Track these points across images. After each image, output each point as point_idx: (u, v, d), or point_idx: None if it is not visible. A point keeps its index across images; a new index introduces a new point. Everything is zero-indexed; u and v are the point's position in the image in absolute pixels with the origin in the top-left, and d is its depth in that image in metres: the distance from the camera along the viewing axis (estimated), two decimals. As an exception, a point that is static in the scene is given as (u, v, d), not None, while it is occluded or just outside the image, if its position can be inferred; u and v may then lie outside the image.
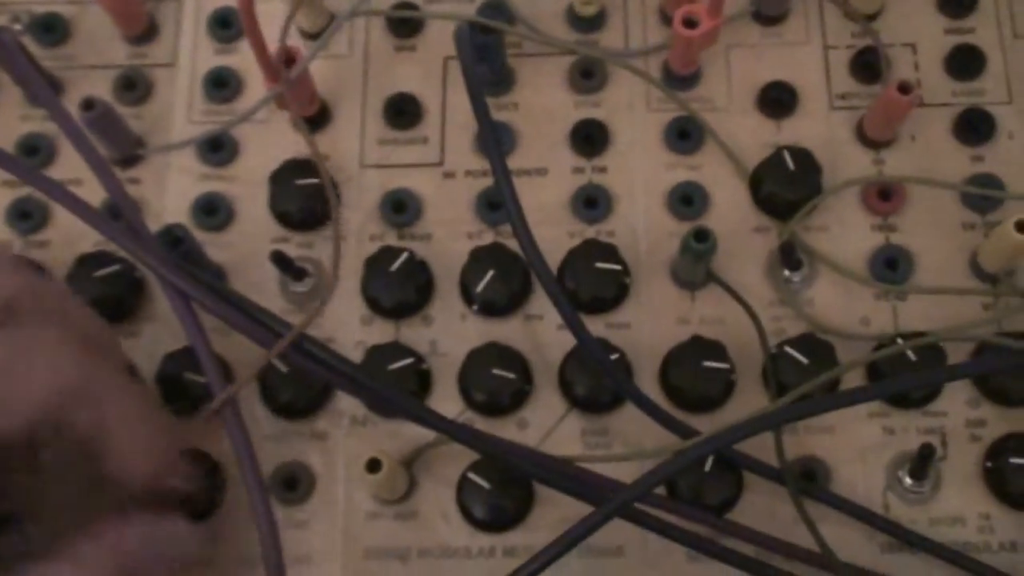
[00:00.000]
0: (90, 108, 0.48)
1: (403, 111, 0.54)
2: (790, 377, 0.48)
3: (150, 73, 0.55)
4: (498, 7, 0.54)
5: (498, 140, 0.44)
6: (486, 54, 0.51)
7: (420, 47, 0.55)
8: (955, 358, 0.49)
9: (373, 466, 0.44)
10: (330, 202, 0.50)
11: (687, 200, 0.52)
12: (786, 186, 0.51)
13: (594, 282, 0.50)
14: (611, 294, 0.50)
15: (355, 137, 0.54)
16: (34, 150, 0.53)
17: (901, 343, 0.47)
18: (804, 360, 0.48)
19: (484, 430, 0.47)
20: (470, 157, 0.53)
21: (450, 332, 0.50)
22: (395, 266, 0.50)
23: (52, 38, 0.55)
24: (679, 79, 0.54)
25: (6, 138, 0.53)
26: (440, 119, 0.54)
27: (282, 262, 0.49)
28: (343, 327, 0.51)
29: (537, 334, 0.50)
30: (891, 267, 0.50)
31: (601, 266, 0.50)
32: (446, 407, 0.48)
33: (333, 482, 0.49)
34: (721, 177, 0.52)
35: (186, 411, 0.49)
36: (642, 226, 0.52)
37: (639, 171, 0.53)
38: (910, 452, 0.47)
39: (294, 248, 0.52)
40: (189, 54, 0.55)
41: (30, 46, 0.54)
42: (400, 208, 0.52)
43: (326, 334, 0.50)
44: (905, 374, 0.47)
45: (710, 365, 0.48)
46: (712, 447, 0.44)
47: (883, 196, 0.51)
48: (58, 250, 0.52)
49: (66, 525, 0.40)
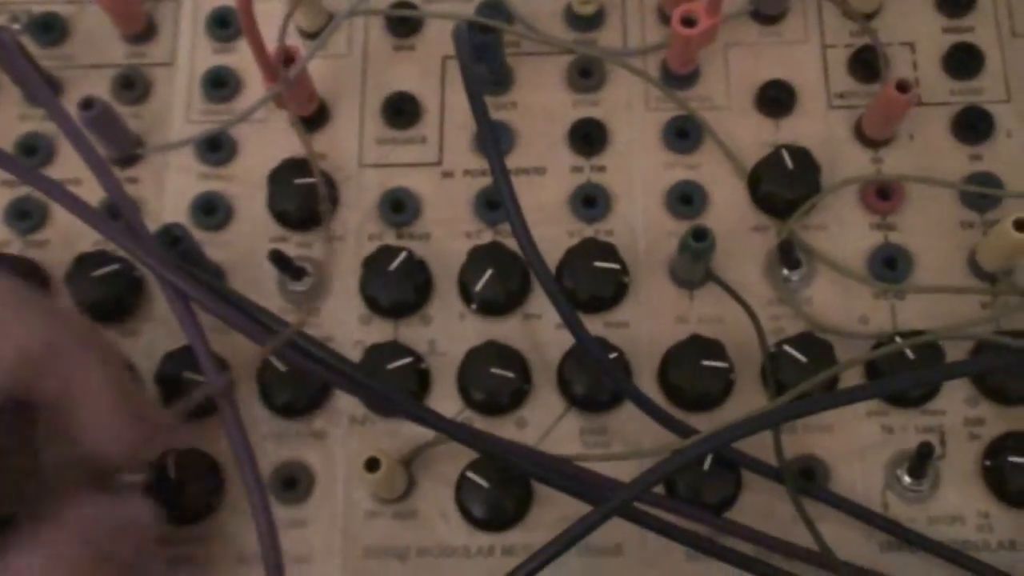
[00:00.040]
0: (89, 107, 0.48)
1: (402, 110, 0.54)
2: (789, 376, 0.48)
3: (149, 72, 0.55)
4: (496, 6, 0.54)
5: (497, 139, 0.44)
6: (484, 53, 0.51)
7: (419, 46, 0.55)
8: (953, 357, 0.49)
9: (372, 465, 0.44)
10: (321, 205, 0.50)
11: (686, 199, 0.52)
12: (785, 185, 0.51)
13: (593, 281, 0.50)
14: (610, 293, 0.50)
15: (354, 136, 0.54)
16: (33, 150, 0.53)
17: (900, 342, 0.47)
18: (803, 359, 0.48)
19: (483, 429, 0.47)
20: (469, 156, 0.53)
21: (449, 331, 0.50)
22: (394, 265, 0.50)
23: (51, 38, 0.55)
24: (678, 78, 0.54)
25: (5, 138, 0.54)
26: (439, 118, 0.54)
27: (281, 261, 0.49)
28: (342, 326, 0.51)
29: (536, 333, 0.50)
30: (890, 266, 0.50)
31: (600, 265, 0.50)
32: (445, 406, 0.48)
33: (332, 481, 0.49)
34: (720, 176, 0.52)
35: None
36: (641, 225, 0.52)
37: (638, 170, 0.53)
38: (909, 451, 0.47)
39: (293, 247, 0.52)
40: (188, 53, 0.55)
41: (29, 46, 0.54)
42: (399, 207, 0.52)
43: (325, 333, 0.50)
44: (904, 373, 0.47)
45: (709, 364, 0.48)
46: (711, 446, 0.44)
47: (882, 195, 0.51)
48: (57, 249, 0.52)
49: (32, 507, 0.40)
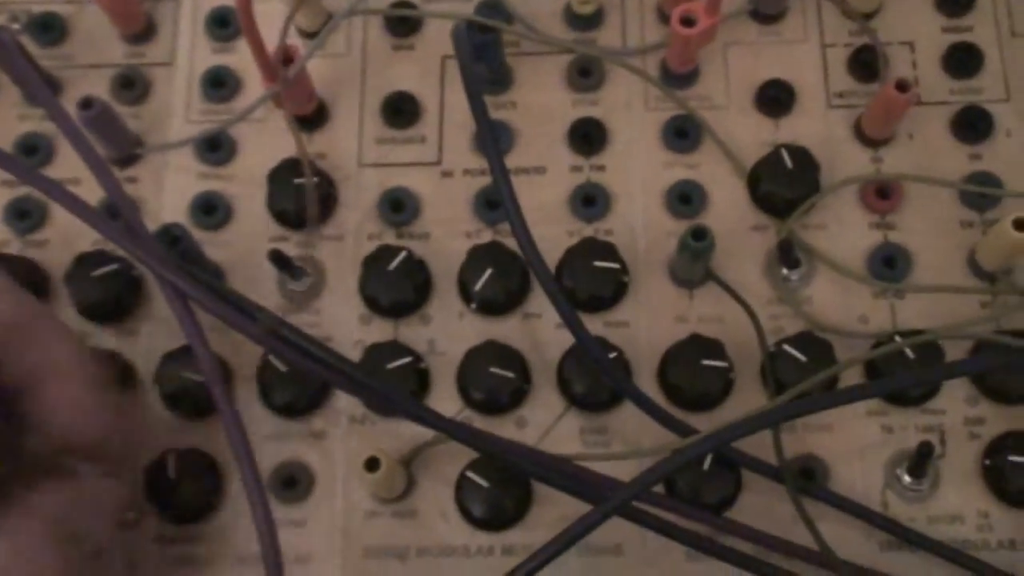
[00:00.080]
0: (88, 107, 0.48)
1: (401, 110, 0.54)
2: (789, 375, 0.48)
3: (148, 72, 0.55)
4: (496, 6, 0.54)
5: (496, 139, 0.44)
6: (484, 53, 0.51)
7: (418, 46, 0.55)
8: (953, 356, 0.49)
9: (372, 465, 0.44)
10: (309, 208, 0.50)
11: (685, 199, 0.52)
12: (784, 184, 0.51)
13: (592, 280, 0.50)
14: (609, 292, 0.50)
15: (353, 136, 0.54)
16: (32, 149, 0.53)
17: (899, 341, 0.47)
18: (802, 358, 0.48)
19: (482, 429, 0.47)
20: (468, 156, 0.53)
21: (448, 331, 0.50)
22: (393, 265, 0.50)
23: (50, 37, 0.55)
24: (677, 77, 0.54)
25: (4, 138, 0.53)
26: (438, 118, 0.54)
27: (280, 261, 0.49)
28: (342, 326, 0.51)
29: (535, 333, 0.50)
30: (889, 265, 0.50)
31: (599, 264, 0.50)
32: (444, 406, 0.48)
33: (332, 481, 0.49)
34: (719, 175, 0.52)
35: (186, 411, 0.49)
36: (640, 224, 0.52)
37: (637, 170, 0.53)
38: (909, 450, 0.47)
39: (292, 247, 0.52)
40: (187, 53, 0.55)
41: (28, 45, 0.54)
42: (398, 207, 0.52)
43: (325, 333, 0.50)
44: (903, 372, 0.47)
45: (708, 363, 0.48)
46: (711, 445, 0.44)
47: (881, 194, 0.51)
48: (56, 249, 0.52)
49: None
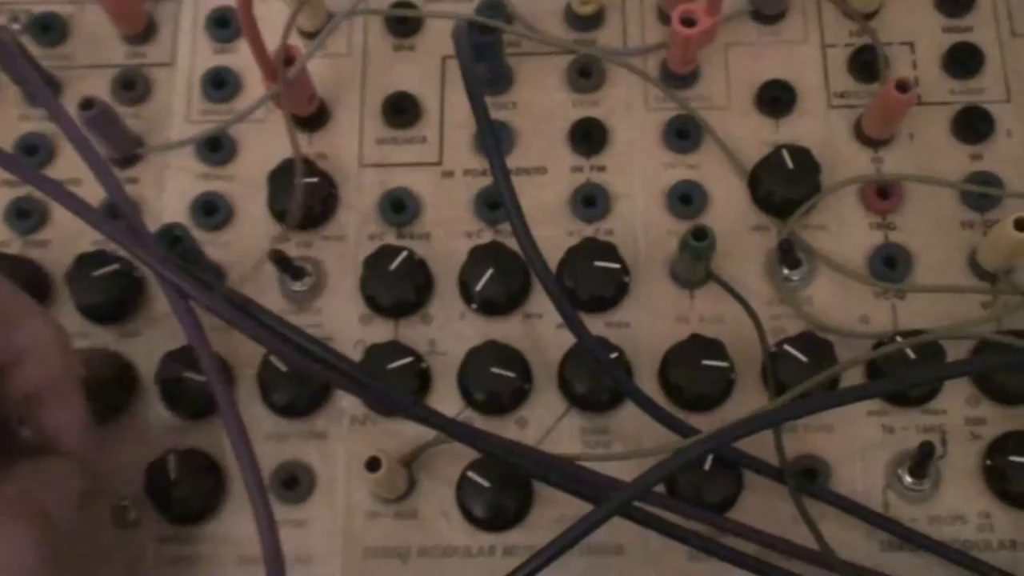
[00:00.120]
0: (89, 107, 0.48)
1: (402, 110, 0.54)
2: (789, 375, 0.48)
3: (149, 73, 0.55)
4: (496, 6, 0.54)
5: (497, 139, 0.44)
6: (484, 53, 0.51)
7: (419, 46, 0.55)
8: (954, 356, 0.49)
9: (373, 465, 0.44)
10: (295, 208, 0.50)
11: (686, 199, 0.52)
12: (785, 185, 0.51)
13: (593, 281, 0.50)
14: (610, 293, 0.50)
15: (354, 136, 0.54)
16: (33, 150, 0.53)
17: (900, 341, 0.47)
18: (803, 358, 0.48)
19: (483, 429, 0.47)
20: (469, 156, 0.53)
21: (449, 331, 0.50)
22: (394, 265, 0.50)
23: (50, 38, 0.55)
24: (677, 78, 0.54)
25: (5, 138, 0.53)
26: (439, 118, 0.54)
27: (281, 261, 0.49)
28: (342, 326, 0.50)
29: (536, 333, 0.50)
30: (890, 265, 0.50)
31: (600, 265, 0.50)
32: (445, 406, 0.48)
33: (333, 481, 0.49)
34: (720, 176, 0.52)
35: (186, 411, 0.49)
36: (641, 225, 0.52)
37: (638, 170, 0.53)
38: (910, 450, 0.47)
39: (293, 247, 0.52)
40: (187, 54, 0.55)
41: (28, 46, 0.54)
42: (399, 207, 0.52)
43: (326, 333, 0.50)
44: (905, 372, 0.47)
45: (709, 364, 0.48)
46: (712, 445, 0.44)
47: (882, 194, 0.51)
48: (57, 249, 0.52)
49: None
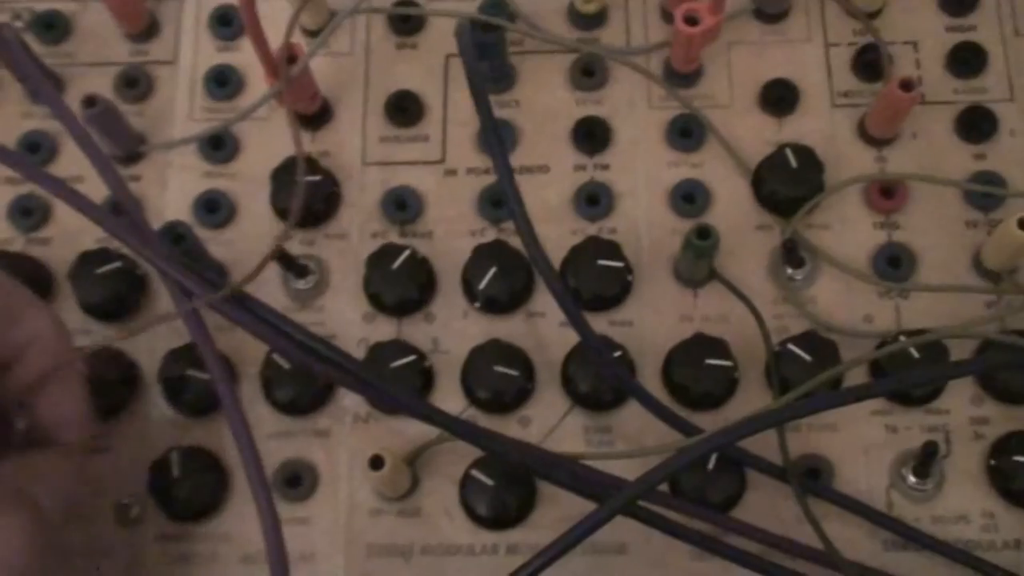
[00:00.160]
0: (92, 105, 0.48)
1: (404, 109, 0.53)
2: (793, 375, 0.48)
3: (151, 70, 0.55)
4: (499, 5, 0.54)
5: (500, 138, 0.44)
6: (487, 52, 0.51)
7: (421, 45, 0.55)
8: (958, 356, 0.49)
9: (376, 463, 0.44)
10: (293, 207, 0.49)
11: (689, 198, 0.52)
12: (788, 184, 0.51)
13: (596, 279, 0.50)
14: (613, 291, 0.50)
15: (357, 134, 0.54)
16: (35, 147, 0.53)
17: (904, 341, 0.47)
18: (807, 358, 0.48)
19: (486, 427, 0.47)
20: (472, 155, 0.53)
21: (452, 329, 0.50)
22: (397, 263, 0.50)
23: (53, 35, 0.55)
24: (681, 77, 0.53)
25: (7, 136, 0.53)
26: (442, 117, 0.54)
27: (284, 259, 0.49)
28: (345, 324, 0.50)
29: (539, 331, 0.50)
30: (894, 265, 0.50)
31: (603, 263, 0.49)
32: (448, 404, 0.48)
33: (336, 479, 0.48)
34: (723, 175, 0.52)
35: (189, 409, 0.49)
36: (644, 223, 0.52)
37: (641, 168, 0.53)
38: (913, 450, 0.47)
39: (296, 245, 0.51)
40: (190, 52, 0.55)
41: (31, 43, 0.53)
42: (402, 205, 0.52)
43: (328, 331, 0.50)
44: (908, 372, 0.47)
45: (713, 363, 0.48)
46: (716, 444, 0.43)
47: (885, 194, 0.51)
48: (59, 247, 0.52)
49: None
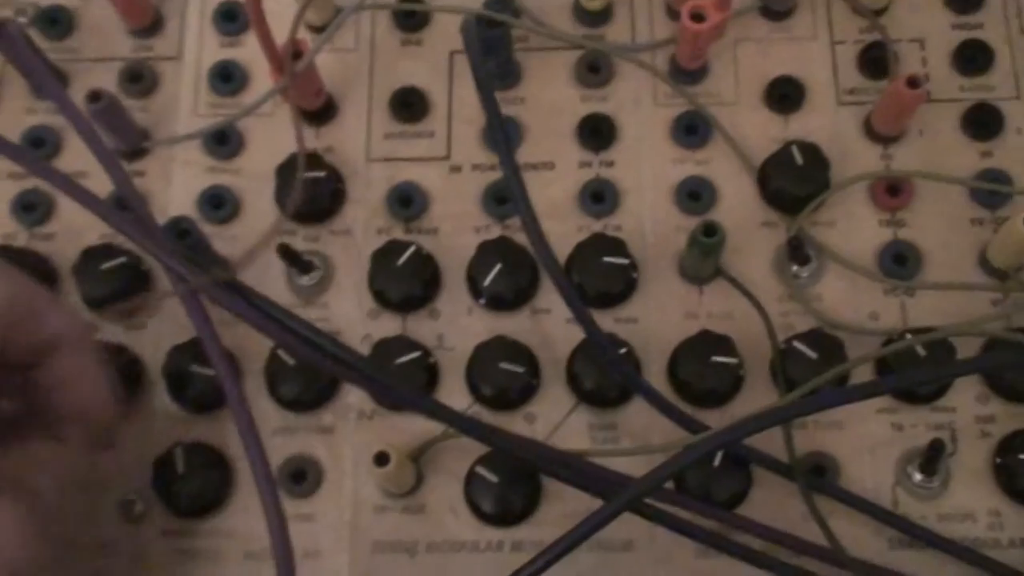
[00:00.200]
0: (97, 100, 0.48)
1: (409, 105, 0.53)
2: (799, 372, 0.47)
3: (155, 66, 0.55)
4: (505, 1, 0.54)
5: (507, 134, 0.44)
6: (493, 48, 0.51)
7: (426, 41, 0.55)
8: (964, 354, 0.48)
9: (381, 459, 0.44)
10: (292, 199, 0.49)
11: (695, 195, 0.52)
12: (794, 181, 0.50)
13: (602, 276, 0.49)
14: (619, 288, 0.50)
15: (361, 131, 0.53)
16: (39, 143, 0.53)
17: (910, 338, 0.47)
18: (813, 355, 0.48)
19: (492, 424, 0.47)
20: (477, 151, 0.53)
21: (457, 326, 0.50)
22: (402, 260, 0.50)
23: (57, 31, 0.55)
24: (686, 73, 0.53)
25: (11, 131, 0.53)
26: (447, 113, 0.54)
27: (289, 255, 0.48)
28: (350, 320, 0.50)
29: (545, 328, 0.50)
30: (900, 262, 0.50)
31: (609, 260, 0.49)
32: (453, 401, 0.48)
33: (341, 476, 0.48)
34: (729, 172, 0.52)
35: (193, 405, 0.49)
36: (650, 221, 0.52)
37: (646, 165, 0.52)
38: (919, 448, 0.47)
39: (301, 241, 0.51)
40: (195, 47, 0.55)
41: (35, 39, 0.53)
42: (406, 202, 0.52)
43: (333, 327, 0.50)
44: (914, 369, 0.47)
45: (718, 360, 0.48)
46: (723, 441, 0.43)
47: (891, 191, 0.51)
48: (63, 242, 0.52)
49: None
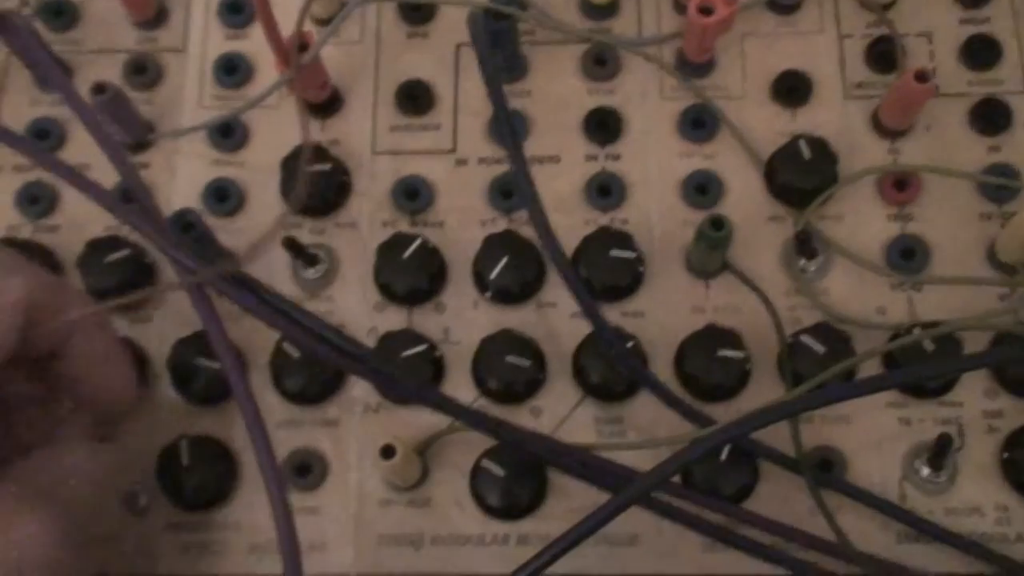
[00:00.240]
0: (102, 92, 0.48)
1: (415, 98, 0.53)
2: (806, 366, 0.47)
3: (160, 58, 0.54)
4: (511, -6, 0.54)
5: (514, 127, 0.44)
6: (499, 41, 0.51)
7: (432, 34, 0.55)
8: (972, 348, 0.48)
9: (387, 452, 0.44)
10: (296, 191, 0.49)
11: (702, 189, 0.51)
12: (801, 175, 0.50)
13: (608, 270, 0.49)
14: (625, 282, 0.50)
15: (367, 123, 0.53)
16: (44, 134, 0.53)
17: (918, 333, 0.47)
18: (820, 349, 0.47)
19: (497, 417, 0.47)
20: (483, 144, 0.53)
21: (463, 319, 0.50)
22: (408, 253, 0.49)
23: (61, 22, 0.55)
24: (693, 67, 0.53)
25: (16, 123, 0.53)
26: (452, 106, 0.53)
27: (294, 248, 0.48)
28: (355, 314, 0.50)
29: (551, 322, 0.50)
30: (907, 257, 0.50)
31: (615, 254, 0.49)
32: (459, 395, 0.48)
33: (346, 469, 0.48)
34: (736, 166, 0.52)
35: (199, 398, 0.49)
36: (656, 214, 0.51)
37: (653, 159, 0.52)
38: (927, 442, 0.47)
39: (306, 234, 0.51)
40: (199, 39, 0.55)
41: (40, 30, 0.53)
42: (412, 195, 0.52)
43: (338, 320, 0.50)
44: (922, 364, 0.47)
45: (725, 354, 0.48)
46: (730, 436, 0.43)
47: (899, 186, 0.51)
48: (67, 235, 0.51)
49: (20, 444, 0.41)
